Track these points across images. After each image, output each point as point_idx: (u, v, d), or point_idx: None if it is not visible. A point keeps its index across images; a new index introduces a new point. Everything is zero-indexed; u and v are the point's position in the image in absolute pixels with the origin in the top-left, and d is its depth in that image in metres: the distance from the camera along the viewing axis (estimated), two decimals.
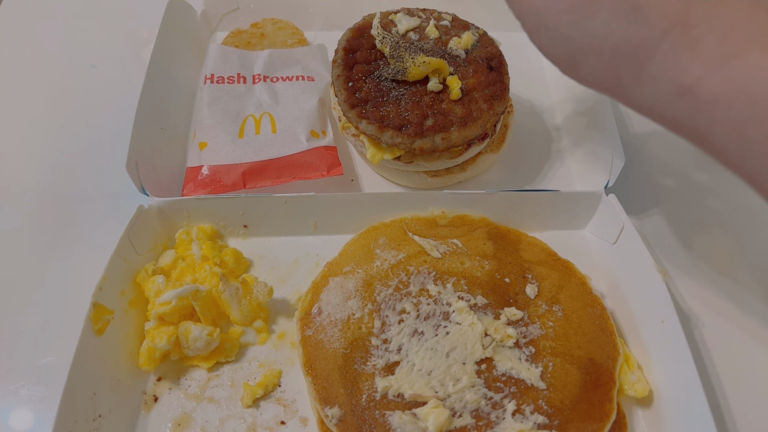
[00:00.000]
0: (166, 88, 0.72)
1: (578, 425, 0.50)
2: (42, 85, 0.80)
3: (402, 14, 0.69)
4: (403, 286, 0.57)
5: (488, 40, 0.68)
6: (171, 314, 0.54)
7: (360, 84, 0.63)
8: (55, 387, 0.48)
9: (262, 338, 0.57)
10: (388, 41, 0.64)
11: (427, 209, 0.64)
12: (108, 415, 0.50)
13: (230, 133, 0.68)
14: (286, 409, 0.54)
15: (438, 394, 0.50)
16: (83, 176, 0.70)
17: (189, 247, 0.61)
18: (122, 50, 0.85)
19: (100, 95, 0.78)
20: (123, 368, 0.54)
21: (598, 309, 0.57)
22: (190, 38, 0.80)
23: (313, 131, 0.69)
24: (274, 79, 0.75)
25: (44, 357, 0.56)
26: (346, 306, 0.55)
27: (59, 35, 0.86)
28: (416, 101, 0.62)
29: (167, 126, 0.70)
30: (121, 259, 0.56)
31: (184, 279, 0.58)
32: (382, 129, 0.61)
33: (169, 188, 0.66)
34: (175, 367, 0.55)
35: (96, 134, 0.74)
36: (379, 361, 0.52)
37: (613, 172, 0.63)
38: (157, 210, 0.61)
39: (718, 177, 0.73)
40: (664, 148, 0.76)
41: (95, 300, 0.52)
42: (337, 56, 0.66)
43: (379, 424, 0.49)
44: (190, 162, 0.68)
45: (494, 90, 0.63)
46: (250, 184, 0.65)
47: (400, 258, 0.59)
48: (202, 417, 0.53)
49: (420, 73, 0.63)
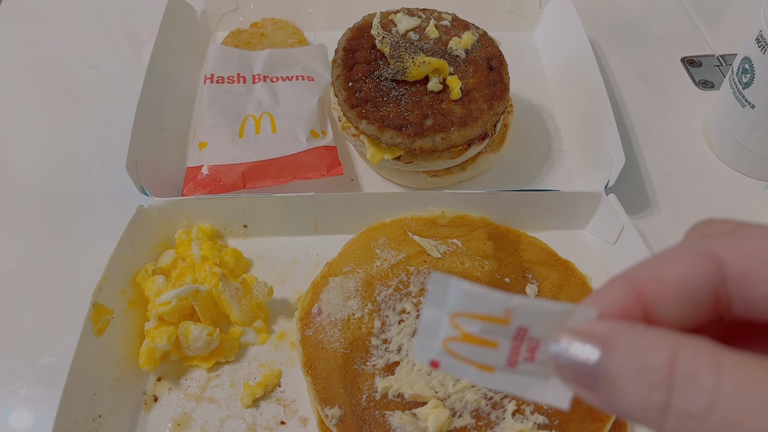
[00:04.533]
0: (166, 88, 0.72)
1: (578, 425, 0.50)
2: (42, 85, 0.80)
3: (402, 14, 0.69)
4: (403, 286, 0.57)
5: (488, 40, 0.68)
6: (171, 314, 0.54)
7: (360, 84, 0.63)
8: (55, 387, 0.48)
9: (262, 338, 0.57)
10: (388, 41, 0.64)
11: (427, 209, 0.64)
12: (108, 415, 0.50)
13: (230, 133, 0.68)
14: (286, 409, 0.54)
15: (438, 394, 0.50)
16: (83, 176, 0.70)
17: (189, 247, 0.61)
18: (122, 50, 0.85)
19: (100, 95, 0.78)
20: (123, 368, 0.53)
21: None
22: (189, 38, 0.80)
23: (313, 131, 0.69)
24: (274, 78, 0.75)
25: (44, 357, 0.56)
26: (346, 306, 0.55)
27: (59, 35, 0.86)
28: (416, 101, 0.62)
29: (167, 126, 0.70)
30: (120, 259, 0.56)
31: (184, 279, 0.58)
32: (382, 129, 0.60)
33: (169, 188, 0.66)
34: (175, 367, 0.55)
35: (96, 134, 0.74)
36: (379, 361, 0.52)
37: (613, 172, 0.63)
38: (157, 210, 0.61)
39: (718, 177, 0.73)
40: (664, 148, 0.76)
41: (95, 300, 0.52)
42: (337, 56, 0.66)
43: (379, 424, 0.49)
44: (189, 162, 0.68)
45: (494, 90, 0.63)
46: (250, 184, 0.65)
47: (400, 258, 0.59)
48: (202, 417, 0.53)
49: (420, 73, 0.63)
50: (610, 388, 0.21)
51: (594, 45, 0.85)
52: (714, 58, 0.87)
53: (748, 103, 0.67)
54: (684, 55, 0.87)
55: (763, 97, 0.65)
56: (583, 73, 0.74)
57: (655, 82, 0.84)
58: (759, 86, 0.65)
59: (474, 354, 0.23)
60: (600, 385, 0.21)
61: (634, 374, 0.20)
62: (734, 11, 0.96)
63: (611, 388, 0.21)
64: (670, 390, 0.20)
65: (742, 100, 0.67)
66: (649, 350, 0.21)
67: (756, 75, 0.65)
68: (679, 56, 0.87)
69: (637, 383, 0.20)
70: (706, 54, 0.88)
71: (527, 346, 0.23)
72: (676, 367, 0.20)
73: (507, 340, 0.23)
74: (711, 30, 0.91)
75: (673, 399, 0.20)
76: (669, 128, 0.78)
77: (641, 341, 0.21)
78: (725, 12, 0.96)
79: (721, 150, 0.74)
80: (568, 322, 0.22)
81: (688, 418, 0.20)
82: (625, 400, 0.21)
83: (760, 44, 0.63)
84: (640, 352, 0.21)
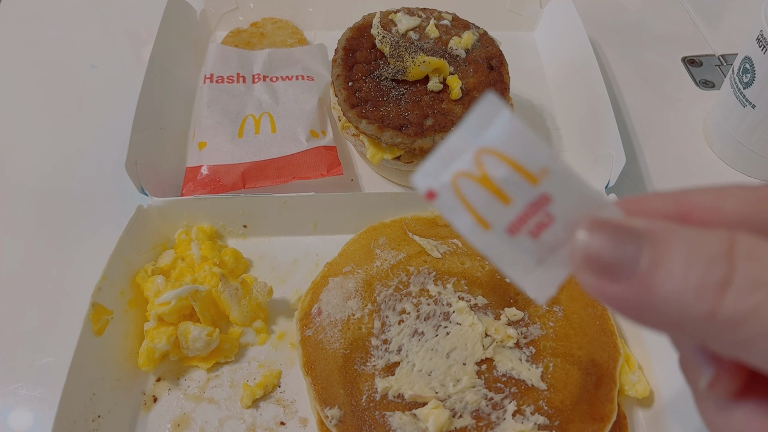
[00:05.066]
0: (166, 87, 0.72)
1: (579, 426, 0.49)
2: (41, 85, 0.80)
3: (402, 14, 0.69)
4: (403, 286, 0.57)
5: (488, 39, 0.68)
6: (170, 314, 0.54)
7: (360, 84, 0.63)
8: (55, 387, 0.48)
9: (261, 339, 0.57)
10: (388, 41, 0.64)
11: (428, 209, 0.64)
12: (107, 415, 0.50)
13: (230, 133, 0.68)
14: (286, 409, 0.53)
15: (438, 395, 0.50)
16: (82, 176, 0.70)
17: (188, 247, 0.61)
18: (122, 50, 0.85)
19: (100, 95, 0.78)
20: (122, 368, 0.53)
21: (598, 309, 0.57)
22: (189, 38, 0.80)
23: (313, 131, 0.69)
24: (274, 78, 0.75)
25: (43, 357, 0.56)
26: (346, 306, 0.55)
27: (58, 35, 0.86)
28: (416, 101, 0.62)
29: (167, 126, 0.70)
30: (120, 259, 0.56)
31: (183, 279, 0.58)
32: (382, 129, 0.60)
33: (169, 188, 0.66)
34: (175, 368, 0.55)
35: (95, 134, 0.74)
36: (379, 362, 0.52)
37: (613, 172, 0.63)
38: (156, 210, 0.61)
39: (719, 177, 0.73)
40: (664, 148, 0.76)
41: (94, 300, 0.52)
42: (337, 56, 0.66)
43: (379, 425, 0.49)
44: (189, 162, 0.68)
45: (494, 89, 0.63)
46: (250, 184, 0.64)
47: (400, 258, 0.59)
48: (202, 417, 0.52)
49: (420, 72, 0.63)
50: (652, 274, 0.19)
51: (594, 45, 0.85)
52: (714, 57, 0.87)
53: (748, 103, 0.67)
54: (685, 55, 0.87)
55: (763, 97, 0.65)
56: (584, 72, 0.74)
57: (655, 81, 0.84)
58: (759, 86, 0.65)
59: (480, 201, 0.20)
60: (637, 274, 0.19)
61: (687, 255, 0.19)
62: (735, 11, 0.95)
63: (653, 275, 0.19)
64: (732, 263, 0.18)
65: (743, 100, 0.67)
66: (703, 237, 0.19)
67: (756, 75, 0.65)
68: (679, 56, 0.87)
69: (690, 262, 0.19)
70: (707, 54, 0.88)
71: (538, 219, 0.20)
72: (737, 246, 0.18)
73: (523, 201, 0.20)
74: (711, 30, 0.91)
75: (737, 270, 0.18)
76: (669, 128, 0.78)
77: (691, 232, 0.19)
78: (726, 12, 0.96)
79: (722, 150, 0.74)
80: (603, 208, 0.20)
81: (759, 287, 0.18)
82: (672, 283, 0.19)
83: (761, 44, 0.63)
84: (693, 238, 0.19)
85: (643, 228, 0.20)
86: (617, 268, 0.20)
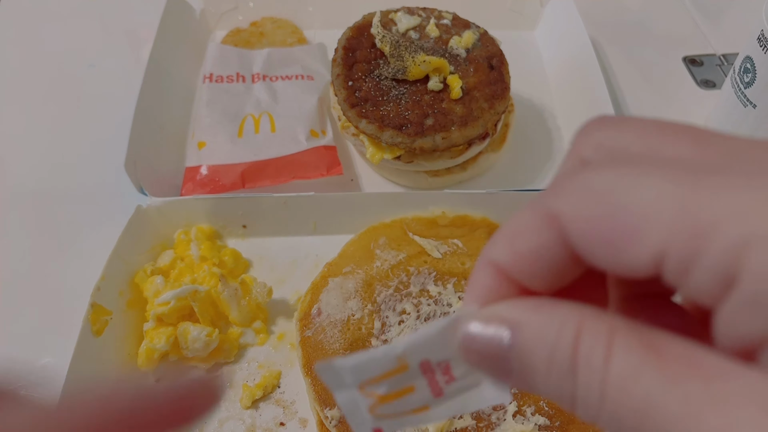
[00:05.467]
0: (165, 87, 0.72)
1: (579, 426, 0.49)
2: (40, 85, 0.80)
3: (402, 13, 0.69)
4: (403, 286, 0.57)
5: (489, 39, 0.68)
6: (169, 315, 0.54)
7: (360, 83, 0.63)
8: (54, 387, 0.48)
9: (261, 339, 0.57)
10: (388, 40, 0.64)
11: (428, 209, 0.64)
12: None
13: (229, 133, 0.68)
14: (286, 410, 0.53)
15: None
16: (81, 176, 0.70)
17: (188, 248, 0.60)
18: (120, 49, 0.85)
19: (98, 95, 0.78)
20: (121, 369, 0.53)
21: None
22: (188, 37, 0.80)
23: (313, 131, 0.69)
24: (274, 78, 0.75)
25: (42, 358, 0.56)
26: (346, 307, 0.55)
27: (57, 34, 0.86)
28: (416, 100, 0.62)
29: (166, 125, 0.70)
30: (119, 259, 0.56)
31: (182, 279, 0.58)
32: (382, 128, 0.60)
33: (168, 188, 0.66)
34: (174, 368, 0.55)
35: (94, 134, 0.74)
36: None
37: None
38: (155, 210, 0.61)
39: None
40: None
41: (93, 300, 0.52)
42: (337, 55, 0.65)
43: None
44: (188, 162, 0.67)
45: (495, 89, 0.63)
46: (249, 184, 0.64)
47: (400, 258, 0.59)
48: None
49: (420, 72, 0.62)
50: (525, 372, 0.19)
51: (595, 44, 0.85)
52: (716, 57, 0.87)
53: (749, 102, 0.67)
54: (685, 55, 0.87)
55: (764, 96, 0.65)
56: (585, 72, 0.74)
57: (656, 81, 0.84)
58: (761, 86, 0.65)
59: (401, 406, 0.23)
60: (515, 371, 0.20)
61: (546, 360, 0.19)
62: (736, 10, 0.95)
63: (525, 373, 0.19)
64: (574, 378, 0.18)
65: (744, 100, 0.67)
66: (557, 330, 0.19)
67: (758, 74, 0.64)
68: (680, 55, 0.87)
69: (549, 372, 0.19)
70: (708, 53, 0.87)
71: (440, 371, 0.22)
72: (579, 351, 0.18)
73: (418, 379, 0.22)
74: (713, 29, 0.91)
75: (577, 389, 0.18)
76: None
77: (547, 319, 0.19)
78: (727, 11, 0.95)
79: None
80: (460, 328, 0.22)
81: (587, 408, 0.18)
82: (542, 387, 0.19)
83: (762, 44, 0.63)
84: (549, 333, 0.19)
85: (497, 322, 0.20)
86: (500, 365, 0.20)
